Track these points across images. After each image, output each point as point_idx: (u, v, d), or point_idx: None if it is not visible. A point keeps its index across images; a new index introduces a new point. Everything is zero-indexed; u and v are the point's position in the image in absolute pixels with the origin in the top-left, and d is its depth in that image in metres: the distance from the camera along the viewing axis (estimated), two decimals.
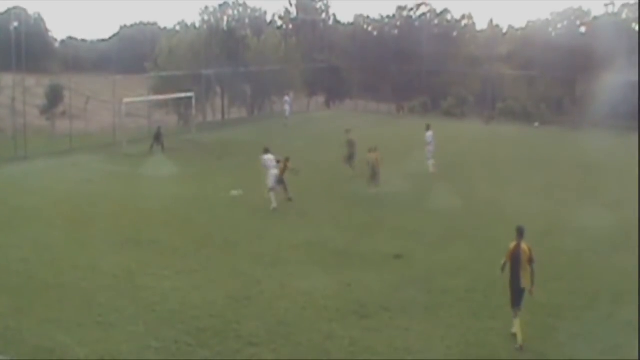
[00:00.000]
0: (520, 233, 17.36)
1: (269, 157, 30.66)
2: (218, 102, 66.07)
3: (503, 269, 17.53)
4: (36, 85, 54.30)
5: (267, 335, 17.36)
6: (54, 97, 56.05)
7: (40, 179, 36.04)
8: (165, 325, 17.83)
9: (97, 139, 48.39)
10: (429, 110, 68.25)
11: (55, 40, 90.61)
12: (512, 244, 17.37)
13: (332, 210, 29.99)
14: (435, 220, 28.75)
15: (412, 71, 70.74)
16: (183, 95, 52.28)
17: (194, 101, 51.90)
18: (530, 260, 17.13)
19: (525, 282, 17.11)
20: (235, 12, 72.02)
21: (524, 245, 17.22)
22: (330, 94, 77.04)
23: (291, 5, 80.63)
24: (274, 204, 29.70)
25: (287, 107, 59.34)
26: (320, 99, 76.89)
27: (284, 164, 31.10)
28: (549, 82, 65.23)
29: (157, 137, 44.09)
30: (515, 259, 17.19)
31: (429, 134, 39.68)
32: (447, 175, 37.09)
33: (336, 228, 27.42)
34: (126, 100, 46.35)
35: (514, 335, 17.17)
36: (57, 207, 30.17)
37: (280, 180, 30.83)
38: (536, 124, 59.91)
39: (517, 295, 17.25)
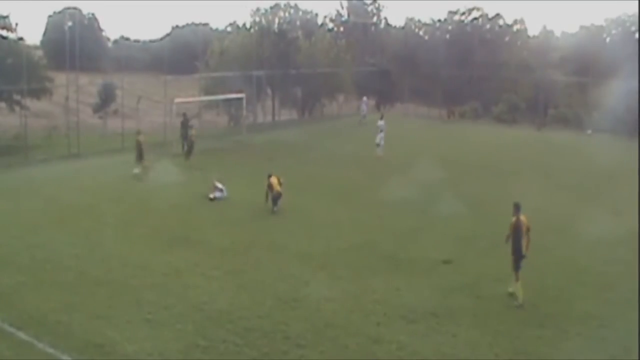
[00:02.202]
0: (517, 208, 20.34)
1: None
2: (268, 104, 66.32)
3: (507, 240, 20.46)
4: (89, 84, 54.98)
5: (314, 337, 17.37)
6: (107, 95, 56.73)
7: (92, 177, 36.50)
8: (213, 324, 17.92)
9: (148, 138, 48.76)
10: (479, 116, 67.86)
11: (108, 39, 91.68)
12: (513, 219, 20.24)
13: (380, 215, 29.89)
14: (483, 226, 28.50)
15: (463, 76, 70.34)
16: (234, 96, 52.48)
17: (244, 102, 52.08)
18: (528, 230, 20.17)
19: (525, 249, 20.13)
20: (287, 14, 72.14)
21: (522, 218, 20.17)
22: (380, 98, 76.92)
23: (342, 7, 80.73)
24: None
25: (364, 107, 62.73)
26: (371, 102, 76.74)
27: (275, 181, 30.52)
28: (602, 88, 64.29)
29: (184, 125, 43.95)
30: (517, 230, 20.08)
31: (381, 122, 44.74)
32: (496, 181, 36.80)
33: (384, 232, 27.34)
34: (177, 100, 46.65)
35: (512, 295, 20.17)
36: (108, 205, 30.53)
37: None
38: (589, 131, 59.15)
39: (519, 260, 20.12)
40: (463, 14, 76.27)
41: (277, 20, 69.96)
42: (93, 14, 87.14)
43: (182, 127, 44.30)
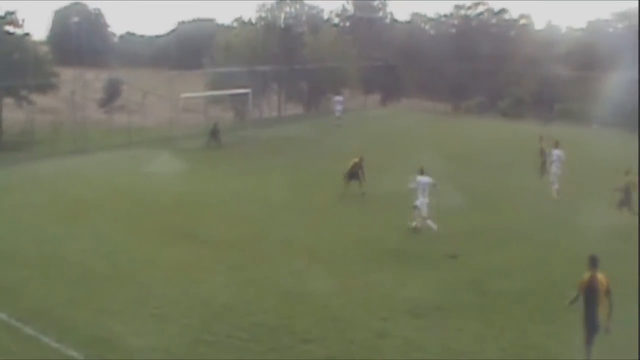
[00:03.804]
0: (594, 263, 15.29)
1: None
2: (274, 99, 66.30)
3: (573, 302, 15.80)
4: (95, 79, 55.04)
5: (320, 332, 17.36)
6: (112, 91, 56.87)
7: (99, 172, 36.57)
8: (219, 319, 17.93)
9: (154, 133, 48.88)
10: (485, 110, 67.70)
11: (114, 35, 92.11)
12: (586, 275, 15.31)
13: (387, 209, 29.82)
14: (491, 221, 28.48)
15: (469, 70, 70.12)
16: (239, 91, 52.46)
17: (250, 97, 52.11)
18: (608, 292, 15.16)
19: (602, 318, 15.21)
20: (292, 9, 72.15)
21: (600, 276, 15.20)
22: (386, 92, 76.84)
23: (348, 2, 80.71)
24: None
25: (338, 107, 59.01)
26: (376, 97, 76.71)
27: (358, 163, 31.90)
28: (608, 83, 64.11)
29: (214, 133, 44.36)
30: (591, 292, 15.17)
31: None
32: (502, 175, 36.72)
33: (391, 227, 27.29)
34: (183, 95, 46.76)
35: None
36: (115, 200, 30.57)
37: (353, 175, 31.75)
38: (594, 126, 59.01)
39: (592, 333, 15.35)
40: (469, 8, 76.25)
41: (282, 16, 70.03)
42: (99, 10, 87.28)
43: (211, 134, 44.58)
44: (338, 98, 59.65)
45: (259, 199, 31.17)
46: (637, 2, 59.58)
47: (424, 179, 26.52)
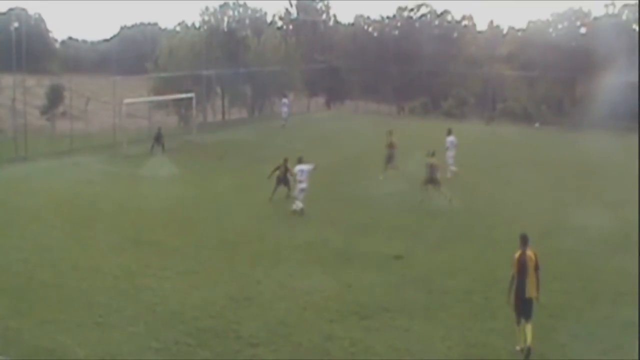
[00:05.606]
0: (524, 241, 16.81)
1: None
2: (218, 103, 66.04)
3: (512, 281, 16.74)
4: (36, 86, 54.21)
5: (267, 335, 17.35)
6: (54, 97, 56.06)
7: (41, 180, 35.99)
8: (165, 326, 17.81)
9: (97, 140, 48.32)
10: (429, 111, 68.30)
11: (56, 40, 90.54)
12: (517, 253, 16.78)
13: (331, 211, 29.91)
14: (436, 221, 28.76)
15: (413, 72, 70.75)
16: (183, 95, 52.18)
17: (194, 102, 51.80)
18: (536, 268, 16.63)
19: (531, 290, 16.55)
20: (236, 12, 71.94)
21: (529, 252, 16.67)
22: (330, 95, 77.00)
23: (291, 5, 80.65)
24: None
25: (284, 109, 59.07)
26: (321, 99, 76.84)
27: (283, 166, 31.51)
28: (549, 82, 65.27)
29: (158, 138, 44.04)
30: (521, 267, 16.56)
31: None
32: (446, 174, 37.07)
33: (336, 228, 27.39)
34: (126, 100, 46.29)
35: (521, 351, 16.54)
36: (58, 208, 30.14)
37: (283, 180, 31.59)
38: (536, 125, 59.96)
39: (523, 305, 16.61)
40: (412, 10, 76.78)
41: (226, 19, 69.85)
42: (40, 15, 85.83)
43: (155, 139, 44.07)
44: (284, 100, 59.87)
45: (202, 203, 31.05)
46: (574, 3, 60.87)
47: (301, 166, 29.41)
